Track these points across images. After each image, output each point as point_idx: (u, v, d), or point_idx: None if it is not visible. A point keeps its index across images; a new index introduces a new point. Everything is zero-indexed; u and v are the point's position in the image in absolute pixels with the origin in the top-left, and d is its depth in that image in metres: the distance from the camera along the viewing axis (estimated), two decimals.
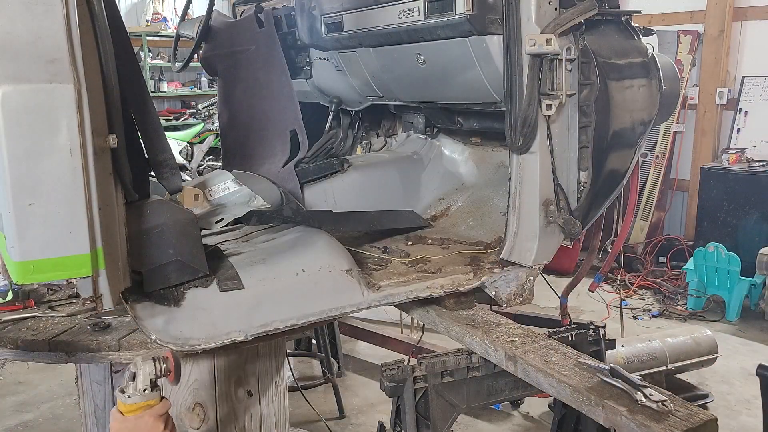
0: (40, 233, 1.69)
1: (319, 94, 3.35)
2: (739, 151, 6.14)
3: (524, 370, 1.91)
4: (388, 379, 2.08)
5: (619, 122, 2.32)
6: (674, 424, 1.55)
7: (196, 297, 1.93)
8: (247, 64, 3.05)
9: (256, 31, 2.96)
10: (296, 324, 1.97)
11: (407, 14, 2.38)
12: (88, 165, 1.73)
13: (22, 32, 1.62)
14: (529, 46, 2.03)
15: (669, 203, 6.88)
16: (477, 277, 2.26)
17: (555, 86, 2.09)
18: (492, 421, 3.84)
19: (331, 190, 2.84)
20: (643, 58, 2.41)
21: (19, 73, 1.62)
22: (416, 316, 2.44)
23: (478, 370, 2.17)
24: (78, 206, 1.72)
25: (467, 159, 3.07)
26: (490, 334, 2.09)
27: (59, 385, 4.32)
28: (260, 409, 2.20)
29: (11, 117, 1.61)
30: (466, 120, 2.86)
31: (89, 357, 1.85)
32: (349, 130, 3.47)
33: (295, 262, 2.08)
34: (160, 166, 2.09)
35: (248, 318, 1.91)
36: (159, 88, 9.41)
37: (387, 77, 2.79)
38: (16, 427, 3.88)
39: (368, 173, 2.96)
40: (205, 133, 8.43)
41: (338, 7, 2.74)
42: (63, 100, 1.65)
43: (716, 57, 6.41)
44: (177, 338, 1.83)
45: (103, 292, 1.90)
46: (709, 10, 6.40)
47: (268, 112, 2.96)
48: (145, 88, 2.10)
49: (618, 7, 2.41)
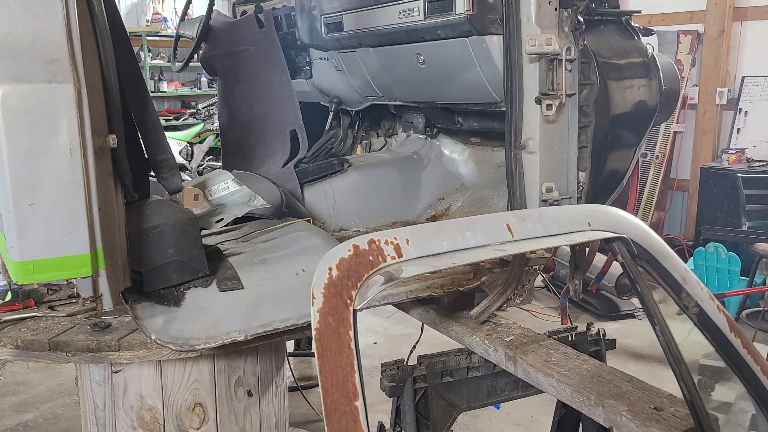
0: (40, 233, 1.69)
1: (319, 94, 3.35)
2: (739, 151, 6.14)
3: (524, 370, 1.91)
4: (388, 379, 2.08)
5: (619, 122, 2.32)
6: (674, 425, 1.55)
7: (196, 297, 1.93)
8: (247, 64, 3.05)
9: (256, 31, 2.97)
10: (296, 324, 1.97)
11: (407, 14, 2.38)
12: (88, 165, 1.73)
13: (22, 32, 1.62)
14: (529, 46, 2.03)
15: (669, 203, 6.88)
16: (477, 277, 2.26)
17: (555, 86, 2.09)
18: (492, 421, 3.84)
19: (331, 190, 2.84)
20: (643, 58, 2.41)
21: (19, 73, 1.62)
22: (416, 316, 2.44)
23: (478, 370, 2.17)
24: (78, 206, 1.72)
25: (467, 159, 3.07)
26: (490, 334, 2.09)
27: (59, 385, 4.31)
28: (260, 409, 2.20)
29: (11, 117, 1.61)
30: (466, 120, 2.86)
31: (89, 357, 1.84)
32: (349, 130, 3.47)
33: (295, 262, 2.08)
34: (160, 166, 2.10)
35: (248, 318, 1.91)
36: (159, 88, 9.41)
37: (387, 77, 2.79)
38: (15, 427, 3.88)
39: (368, 173, 2.96)
40: (205, 133, 8.43)
41: (338, 7, 2.74)
42: (63, 100, 1.65)
43: (716, 57, 6.41)
44: (177, 338, 1.83)
45: (103, 292, 1.90)
46: (709, 10, 6.40)
47: (268, 112, 2.96)
48: (145, 88, 2.10)
49: (618, 7, 2.41)
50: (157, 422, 2.01)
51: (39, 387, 4.32)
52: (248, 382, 2.15)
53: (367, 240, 1.24)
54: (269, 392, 2.23)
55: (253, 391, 2.17)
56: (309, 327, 1.85)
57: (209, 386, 2.05)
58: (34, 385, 4.35)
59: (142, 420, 2.01)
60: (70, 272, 1.79)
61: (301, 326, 2.00)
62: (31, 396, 4.22)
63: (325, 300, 1.23)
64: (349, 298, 1.24)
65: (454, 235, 1.29)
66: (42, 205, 1.68)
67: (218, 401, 2.07)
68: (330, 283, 1.23)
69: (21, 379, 4.41)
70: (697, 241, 6.04)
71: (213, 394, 2.06)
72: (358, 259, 1.24)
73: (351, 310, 1.23)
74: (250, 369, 2.16)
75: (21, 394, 4.24)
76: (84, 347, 1.84)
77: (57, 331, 1.89)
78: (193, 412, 2.05)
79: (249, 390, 2.15)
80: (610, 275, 5.27)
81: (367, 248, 1.24)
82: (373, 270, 1.24)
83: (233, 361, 2.09)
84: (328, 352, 1.25)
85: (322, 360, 1.23)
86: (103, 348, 1.84)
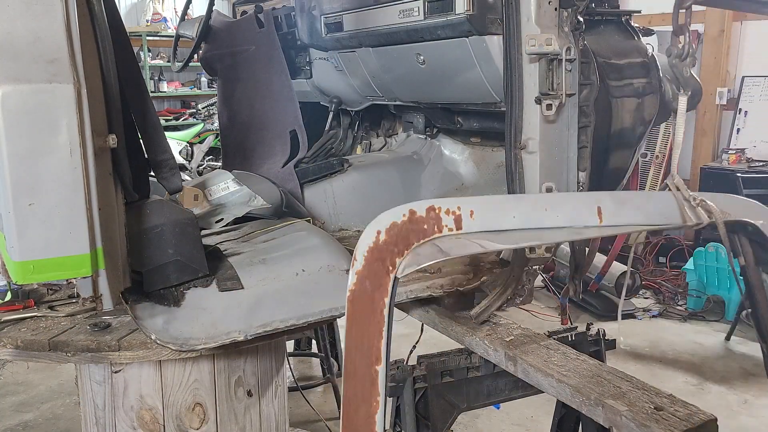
0: (40, 233, 1.69)
1: (319, 94, 3.35)
2: (739, 151, 6.14)
3: (524, 370, 1.91)
4: (388, 379, 2.07)
5: (619, 122, 2.32)
6: (674, 425, 1.55)
7: (195, 297, 1.93)
8: (247, 64, 3.05)
9: (256, 31, 2.97)
10: (296, 324, 1.97)
11: (407, 14, 2.38)
12: (88, 165, 1.73)
13: (22, 32, 1.62)
14: (529, 46, 2.03)
15: None
16: (477, 277, 2.26)
17: (555, 86, 2.09)
18: (492, 421, 3.84)
19: (331, 190, 2.84)
20: (643, 58, 2.41)
21: (19, 73, 1.62)
22: (416, 316, 2.44)
23: (478, 370, 2.17)
24: (78, 206, 1.72)
25: (467, 159, 3.07)
26: (489, 334, 2.09)
27: (59, 385, 4.31)
28: (260, 409, 2.20)
29: (11, 117, 1.61)
30: (466, 120, 2.86)
31: (89, 357, 1.84)
32: (349, 130, 3.47)
33: (295, 262, 2.08)
34: (160, 166, 2.10)
35: (248, 318, 1.91)
36: (159, 88, 9.41)
37: (387, 77, 2.79)
38: (15, 427, 3.88)
39: (368, 173, 2.96)
40: (205, 133, 8.44)
41: (338, 7, 2.74)
42: (63, 100, 1.66)
43: (716, 57, 6.42)
44: (177, 338, 1.83)
45: (103, 292, 1.90)
46: (709, 10, 6.40)
47: (268, 112, 2.96)
48: (145, 88, 2.10)
49: (618, 7, 2.41)
50: (157, 422, 2.01)
51: (39, 387, 4.33)
52: (248, 382, 2.15)
53: (426, 206, 1.18)
54: (269, 392, 2.23)
55: (253, 391, 2.17)
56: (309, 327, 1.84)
57: (209, 386, 2.05)
58: (34, 385, 4.35)
59: (142, 420, 2.01)
60: (70, 272, 1.79)
61: (301, 326, 1.99)
62: (31, 396, 4.22)
63: (366, 263, 1.20)
64: (392, 265, 1.19)
65: (530, 211, 1.19)
66: (42, 205, 1.68)
67: (218, 401, 2.07)
68: (375, 247, 1.19)
69: (21, 379, 4.42)
70: (697, 241, 6.04)
71: (213, 394, 2.06)
72: (411, 225, 1.18)
73: (392, 278, 1.20)
74: (250, 369, 2.16)
75: (21, 394, 4.24)
76: (84, 347, 1.84)
77: (57, 331, 1.89)
78: (193, 412, 2.05)
79: (249, 390, 2.15)
80: (610, 275, 5.28)
81: (423, 215, 1.18)
82: (425, 240, 1.18)
83: (233, 361, 2.09)
84: (359, 316, 1.23)
85: (350, 322, 1.22)
86: (103, 348, 1.84)
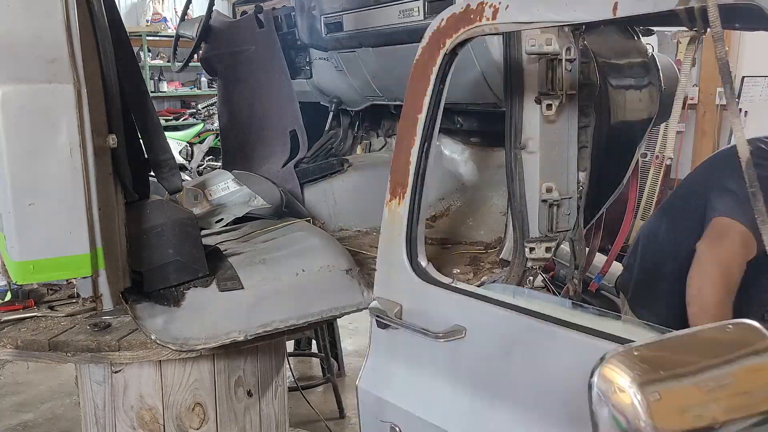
0: (40, 233, 1.69)
1: (319, 94, 3.35)
2: None
3: None
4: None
5: (619, 122, 2.32)
6: None
7: (196, 297, 1.93)
8: (247, 64, 3.05)
9: (256, 31, 2.97)
10: (296, 324, 1.97)
11: (407, 14, 2.38)
12: (88, 165, 1.73)
13: (22, 32, 1.62)
14: (529, 46, 2.03)
15: None
16: (477, 277, 2.26)
17: (555, 86, 2.09)
18: None
19: (331, 190, 2.84)
20: (643, 58, 2.41)
21: (19, 73, 1.62)
22: None
23: None
24: (78, 206, 1.72)
25: (467, 159, 3.07)
26: None
27: (59, 385, 4.31)
28: (260, 409, 2.20)
29: (11, 117, 1.61)
30: (466, 120, 2.86)
31: (89, 357, 1.84)
32: (349, 130, 3.47)
33: (295, 262, 2.08)
34: (160, 166, 2.10)
35: (248, 318, 1.91)
36: (159, 88, 9.40)
37: (387, 77, 2.79)
38: (15, 427, 3.88)
39: (368, 173, 2.96)
40: (205, 133, 8.43)
41: (338, 7, 2.74)
42: (63, 100, 1.66)
43: None
44: (177, 338, 1.83)
45: (103, 292, 1.91)
46: None
47: (268, 112, 2.96)
48: (145, 88, 2.10)
49: None
50: (156, 422, 2.01)
51: (39, 387, 4.32)
52: (248, 382, 2.15)
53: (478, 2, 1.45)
54: (269, 392, 2.23)
55: (253, 391, 2.17)
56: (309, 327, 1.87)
57: (209, 386, 2.05)
58: (34, 385, 4.35)
59: (142, 420, 2.01)
60: (70, 272, 1.79)
61: (301, 326, 2.00)
62: (31, 396, 4.22)
63: (429, 41, 1.60)
64: (443, 44, 1.56)
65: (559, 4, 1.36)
66: (42, 205, 1.68)
67: (218, 401, 2.07)
68: (437, 31, 1.57)
69: (21, 379, 4.41)
70: None
71: (213, 394, 2.06)
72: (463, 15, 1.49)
73: (441, 53, 1.56)
74: (250, 369, 2.16)
75: (21, 394, 4.24)
76: (84, 347, 1.84)
77: (57, 331, 1.89)
78: (193, 412, 2.05)
79: (249, 390, 2.15)
80: (610, 275, 5.27)
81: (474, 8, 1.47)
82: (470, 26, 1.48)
83: (233, 361, 2.09)
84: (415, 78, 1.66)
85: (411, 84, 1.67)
86: (103, 348, 1.84)
